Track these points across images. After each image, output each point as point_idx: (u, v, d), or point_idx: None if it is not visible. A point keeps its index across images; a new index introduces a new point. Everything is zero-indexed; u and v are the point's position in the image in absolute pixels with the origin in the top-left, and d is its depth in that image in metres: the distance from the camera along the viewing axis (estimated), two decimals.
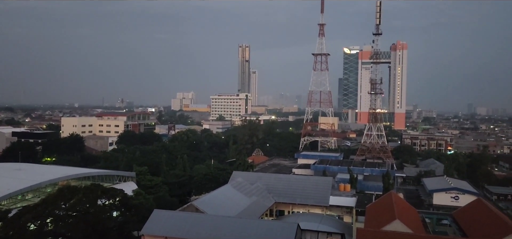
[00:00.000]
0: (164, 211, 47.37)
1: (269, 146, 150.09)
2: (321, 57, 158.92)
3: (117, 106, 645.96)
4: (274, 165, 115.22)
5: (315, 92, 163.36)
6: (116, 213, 51.77)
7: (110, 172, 77.88)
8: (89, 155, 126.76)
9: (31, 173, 70.83)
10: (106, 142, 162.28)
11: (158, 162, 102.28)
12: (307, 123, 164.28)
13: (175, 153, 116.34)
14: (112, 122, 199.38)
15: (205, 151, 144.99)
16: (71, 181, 65.97)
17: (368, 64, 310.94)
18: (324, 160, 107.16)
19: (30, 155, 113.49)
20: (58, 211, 45.56)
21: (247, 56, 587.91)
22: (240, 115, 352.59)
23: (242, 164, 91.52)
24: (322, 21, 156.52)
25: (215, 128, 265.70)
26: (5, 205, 56.19)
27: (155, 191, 72.31)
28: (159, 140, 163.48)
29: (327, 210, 60.98)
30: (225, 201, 54.44)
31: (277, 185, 65.96)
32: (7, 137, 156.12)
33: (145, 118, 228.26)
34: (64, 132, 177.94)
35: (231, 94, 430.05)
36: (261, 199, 60.45)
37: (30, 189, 62.32)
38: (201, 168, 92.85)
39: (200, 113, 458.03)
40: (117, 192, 51.35)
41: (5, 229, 43.23)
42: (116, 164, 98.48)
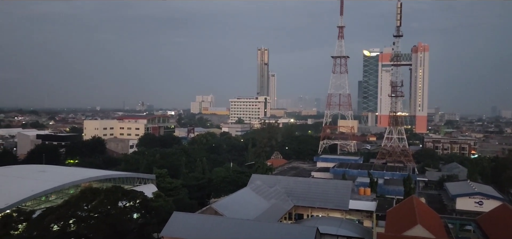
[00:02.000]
0: (184, 213, 47.69)
1: (288, 149, 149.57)
2: (340, 60, 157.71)
3: (137, 110, 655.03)
4: (293, 168, 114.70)
5: (334, 95, 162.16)
6: (137, 215, 52.40)
7: (130, 174, 78.96)
8: (110, 157, 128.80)
9: (55, 175, 72.40)
10: (127, 144, 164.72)
11: (178, 165, 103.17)
12: (326, 126, 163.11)
13: (194, 156, 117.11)
14: (132, 124, 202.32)
15: (224, 153, 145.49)
16: (93, 183, 67.14)
17: (388, 67, 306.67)
18: (343, 163, 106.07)
19: (54, 157, 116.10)
20: (81, 212, 46.43)
21: (266, 59, 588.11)
22: (259, 119, 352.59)
23: (261, 167, 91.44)
24: (342, 23, 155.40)
25: (234, 130, 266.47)
26: (29, 206, 57.62)
27: (175, 193, 72.94)
28: (179, 142, 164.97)
29: (346, 214, 60.32)
30: (244, 204, 54.45)
31: (296, 188, 65.61)
32: (31, 139, 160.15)
33: (165, 121, 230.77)
34: (86, 134, 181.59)
35: (250, 98, 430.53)
36: (280, 202, 60.23)
37: (54, 190, 63.69)
38: (220, 170, 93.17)
39: (219, 116, 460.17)
40: (138, 194, 52.00)
41: (29, 230, 44.28)
42: (137, 167, 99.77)
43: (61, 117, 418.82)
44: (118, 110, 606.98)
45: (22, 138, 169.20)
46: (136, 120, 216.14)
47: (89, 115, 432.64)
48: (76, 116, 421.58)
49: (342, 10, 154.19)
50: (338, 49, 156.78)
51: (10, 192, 60.08)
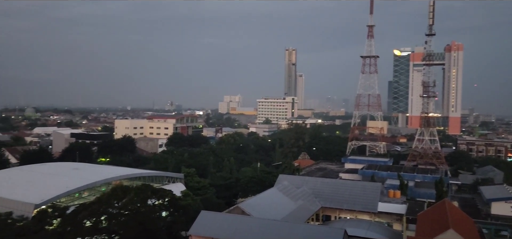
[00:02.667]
0: (211, 212, 48.10)
1: (316, 149, 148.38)
2: (369, 60, 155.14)
3: (166, 109, 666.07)
4: (321, 169, 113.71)
5: (363, 96, 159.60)
6: (165, 213, 53.20)
7: (159, 173, 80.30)
8: (140, 156, 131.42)
9: (87, 172, 74.51)
10: (156, 143, 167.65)
11: (206, 164, 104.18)
12: (355, 126, 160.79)
13: (222, 156, 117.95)
14: (162, 124, 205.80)
15: (252, 153, 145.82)
16: (123, 181, 68.64)
17: (420, 66, 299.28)
18: (372, 165, 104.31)
19: (87, 155, 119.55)
20: (112, 209, 47.56)
21: (294, 59, 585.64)
22: (286, 119, 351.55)
23: (288, 168, 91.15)
24: (371, 22, 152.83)
25: (262, 131, 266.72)
26: (63, 202, 59.51)
27: (203, 192, 73.67)
28: (207, 142, 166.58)
29: (375, 216, 59.25)
30: (271, 204, 54.38)
31: (324, 190, 65.00)
32: (66, 137, 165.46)
33: (193, 121, 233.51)
34: (117, 133, 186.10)
35: (277, 98, 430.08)
36: (307, 203, 59.82)
37: (86, 187, 65.55)
38: (248, 170, 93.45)
39: (246, 117, 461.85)
40: (166, 193, 52.80)
41: (64, 225, 45.74)
42: (165, 165, 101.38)
43: (93, 116, 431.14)
44: (147, 110, 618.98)
45: (57, 137, 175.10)
46: (165, 120, 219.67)
47: (120, 114, 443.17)
48: (107, 116, 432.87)
49: (372, 9, 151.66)
50: (368, 48, 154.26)
51: (45, 189, 62.32)
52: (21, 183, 68.00)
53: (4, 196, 60.45)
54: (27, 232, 44.52)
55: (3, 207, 54.66)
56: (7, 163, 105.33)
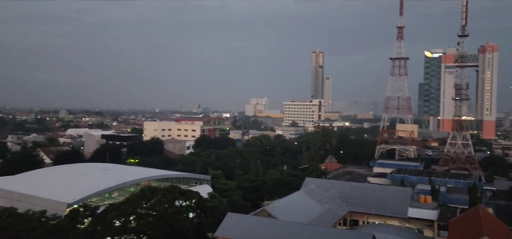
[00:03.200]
0: (238, 214, 48.12)
1: (343, 153, 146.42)
2: (399, 62, 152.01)
3: (194, 112, 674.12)
4: (348, 172, 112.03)
5: (392, 98, 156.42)
6: (192, 214, 53.64)
7: (187, 174, 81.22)
8: (168, 157, 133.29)
9: (117, 173, 76.16)
10: (184, 145, 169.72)
11: (232, 166, 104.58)
12: (384, 130, 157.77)
13: (248, 158, 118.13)
14: (189, 126, 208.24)
15: (278, 156, 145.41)
16: (152, 182, 69.78)
17: (452, 68, 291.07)
18: (402, 169, 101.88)
19: (116, 156, 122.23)
20: (140, 210, 48.34)
21: (321, 62, 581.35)
22: (313, 122, 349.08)
23: (315, 171, 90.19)
24: (401, 23, 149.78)
25: (288, 133, 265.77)
26: (94, 201, 61.03)
27: (229, 194, 73.94)
28: (233, 144, 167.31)
29: (405, 222, 57.78)
30: (297, 208, 53.93)
31: (351, 194, 63.94)
32: (97, 139, 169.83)
33: (220, 124, 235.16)
34: (146, 135, 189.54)
35: (304, 101, 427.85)
36: (334, 207, 58.99)
37: (116, 188, 67.02)
38: (274, 173, 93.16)
39: (273, 119, 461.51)
40: (193, 194, 53.24)
41: (94, 224, 46.83)
42: (193, 167, 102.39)
43: (123, 118, 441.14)
44: (175, 112, 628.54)
45: (88, 138, 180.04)
46: (192, 122, 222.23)
47: (149, 117, 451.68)
48: (137, 118, 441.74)
49: (401, 10, 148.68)
50: (397, 50, 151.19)
51: (77, 188, 64.13)
52: (55, 183, 70.26)
53: (39, 195, 62.62)
54: (60, 230, 45.80)
55: (38, 206, 56.57)
56: (42, 163, 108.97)
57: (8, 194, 66.11)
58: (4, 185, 71.00)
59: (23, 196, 63.48)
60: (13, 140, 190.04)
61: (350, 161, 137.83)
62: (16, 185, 69.69)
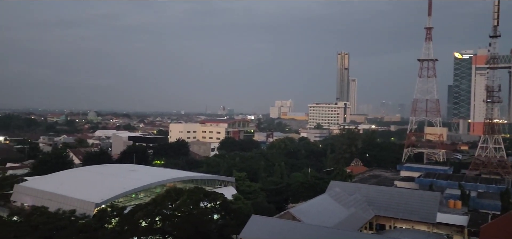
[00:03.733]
0: (262, 216, 48.05)
1: (369, 156, 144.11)
2: (427, 63, 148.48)
3: (218, 114, 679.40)
4: (374, 176, 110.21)
5: (420, 101, 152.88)
6: (217, 216, 53.92)
7: (211, 176, 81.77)
8: (193, 159, 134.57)
9: (143, 174, 77.42)
10: (208, 147, 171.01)
11: (256, 169, 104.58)
12: (411, 133, 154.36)
13: (272, 160, 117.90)
14: (214, 128, 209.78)
15: (302, 159, 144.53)
16: (177, 183, 70.58)
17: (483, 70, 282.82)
18: (430, 173, 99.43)
19: (143, 157, 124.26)
20: (166, 211, 48.95)
21: (346, 63, 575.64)
22: (338, 124, 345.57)
23: (340, 174, 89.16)
24: (429, 24, 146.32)
25: (313, 136, 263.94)
26: (121, 202, 62.21)
27: (253, 196, 73.91)
28: (258, 147, 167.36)
29: (434, 227, 56.29)
30: (322, 211, 53.40)
31: (378, 197, 62.81)
32: (124, 140, 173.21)
33: (244, 126, 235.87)
34: (171, 137, 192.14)
35: (329, 103, 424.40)
36: (360, 211, 58.10)
37: (142, 188, 68.14)
38: (298, 176, 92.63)
39: (297, 122, 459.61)
40: (218, 196, 53.52)
41: (121, 224, 47.71)
42: (217, 169, 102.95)
43: (149, 120, 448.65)
44: (200, 114, 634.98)
45: (116, 139, 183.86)
46: (217, 124, 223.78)
47: (175, 119, 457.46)
48: (163, 120, 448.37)
49: (430, 10, 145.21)
50: (426, 52, 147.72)
51: (105, 189, 65.53)
52: (84, 183, 72.04)
53: (69, 194, 64.34)
54: (88, 229, 46.90)
55: (67, 205, 58.11)
56: (72, 163, 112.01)
57: (40, 193, 68.23)
58: (36, 185, 73.36)
59: (54, 196, 65.37)
60: (44, 140, 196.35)
61: (376, 164, 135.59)
62: (47, 185, 71.87)
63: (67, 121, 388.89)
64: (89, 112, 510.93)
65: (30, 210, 53.40)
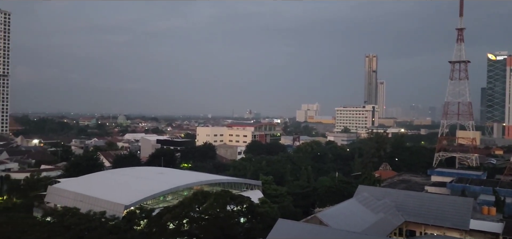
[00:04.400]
0: (288, 220, 47.70)
1: (398, 160, 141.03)
2: (459, 65, 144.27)
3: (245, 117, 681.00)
4: (404, 181, 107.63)
5: (452, 104, 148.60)
6: (243, 219, 53.96)
7: (238, 179, 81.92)
8: (219, 162, 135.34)
9: (171, 177, 78.45)
10: (235, 150, 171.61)
11: (283, 172, 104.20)
12: (443, 137, 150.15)
13: (299, 164, 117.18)
14: (240, 132, 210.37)
15: (329, 163, 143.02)
16: (204, 186, 71.12)
17: None
18: (463, 178, 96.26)
19: (171, 160, 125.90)
20: (193, 213, 49.40)
21: (374, 66, 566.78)
22: (366, 128, 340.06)
23: (368, 178, 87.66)
24: (461, 25, 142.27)
25: (340, 140, 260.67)
26: (149, 204, 63.16)
27: (280, 200, 73.61)
28: (284, 150, 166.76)
29: (466, 234, 54.40)
30: (350, 216, 52.55)
31: (408, 203, 61.29)
32: (152, 143, 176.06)
33: (271, 129, 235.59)
34: (199, 140, 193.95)
35: (356, 106, 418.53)
36: (389, 216, 56.84)
37: (170, 191, 68.97)
38: (325, 180, 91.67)
39: (324, 125, 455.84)
40: (245, 199, 53.57)
41: (149, 226, 48.49)
42: (244, 172, 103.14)
43: (177, 124, 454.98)
44: (227, 117, 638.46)
45: (144, 142, 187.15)
46: (244, 127, 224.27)
47: (202, 122, 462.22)
48: (190, 123, 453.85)
49: (461, 11, 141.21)
50: (457, 53, 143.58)
51: (134, 191, 66.74)
52: (113, 185, 73.63)
53: (99, 196, 65.88)
54: (118, 231, 47.88)
55: (98, 206, 59.52)
56: (102, 166, 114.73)
57: (72, 195, 70.20)
58: (68, 186, 75.55)
59: (85, 197, 67.11)
60: (76, 143, 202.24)
61: (405, 169, 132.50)
62: (79, 187, 73.86)
63: (98, 124, 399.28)
64: (119, 116, 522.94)
65: (63, 211, 54.98)
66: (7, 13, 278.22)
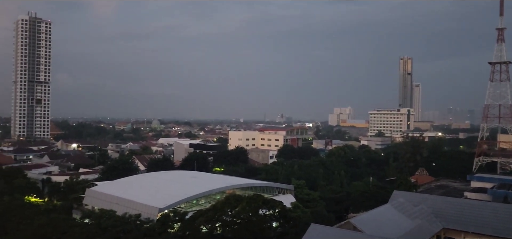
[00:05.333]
0: (321, 226, 47.03)
1: (435, 165, 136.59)
2: (500, 66, 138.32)
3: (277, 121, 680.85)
4: (441, 186, 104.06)
5: (492, 106, 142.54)
6: (275, 224, 53.70)
7: (270, 184, 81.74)
8: (251, 166, 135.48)
9: (204, 181, 79.24)
10: (267, 155, 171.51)
11: (315, 177, 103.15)
12: (483, 141, 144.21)
13: (332, 168, 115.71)
14: (272, 136, 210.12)
15: (363, 167, 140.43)
16: (236, 190, 71.40)
17: None
18: (505, 184, 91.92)
19: (203, 164, 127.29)
20: (226, 217, 49.61)
21: (409, 68, 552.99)
22: (401, 132, 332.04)
23: (404, 183, 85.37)
24: (502, 25, 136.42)
25: (374, 144, 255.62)
26: (183, 207, 64.02)
27: (312, 205, 72.89)
28: (316, 154, 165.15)
29: None
30: (385, 222, 51.23)
31: (446, 209, 59.10)
32: (185, 147, 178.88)
33: (303, 133, 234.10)
34: (231, 144, 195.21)
35: (391, 110, 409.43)
36: (426, 222, 54.99)
37: (203, 195, 69.65)
38: (359, 185, 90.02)
39: (357, 129, 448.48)
40: (277, 204, 53.32)
41: (183, 229, 49.09)
42: (276, 176, 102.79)
43: (209, 128, 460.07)
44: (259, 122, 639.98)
45: (178, 146, 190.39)
46: (275, 131, 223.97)
47: (234, 126, 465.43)
48: (222, 127, 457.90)
49: (502, 9, 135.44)
50: (497, 54, 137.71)
51: (168, 194, 67.86)
52: (148, 188, 75.16)
53: (134, 199, 67.39)
54: (152, 233, 48.79)
55: (133, 209, 60.87)
56: (137, 169, 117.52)
57: (108, 198, 72.17)
58: (105, 189, 77.77)
59: (121, 200, 68.83)
60: (112, 148, 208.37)
61: (443, 174, 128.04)
62: (115, 189, 75.87)
63: (133, 129, 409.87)
64: (153, 120, 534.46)
65: (100, 213, 56.63)
66: (48, 22, 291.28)
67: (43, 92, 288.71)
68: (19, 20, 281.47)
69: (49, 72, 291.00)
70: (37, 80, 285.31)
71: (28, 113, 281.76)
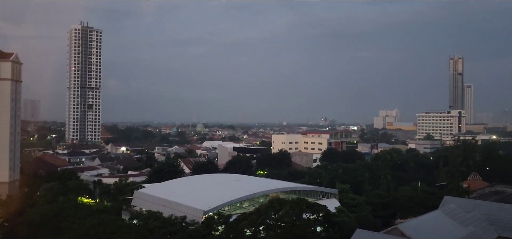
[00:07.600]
0: (367, 231, 45.90)
1: (489, 170, 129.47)
2: None
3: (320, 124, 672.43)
4: (497, 192, 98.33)
5: None
6: (320, 228, 52.97)
7: (314, 187, 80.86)
8: (295, 170, 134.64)
9: (247, 184, 79.68)
10: (311, 158, 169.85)
11: (361, 181, 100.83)
12: None
13: (378, 172, 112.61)
14: (316, 139, 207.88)
15: (411, 172, 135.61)
16: (280, 193, 71.17)
17: None
18: None
19: (247, 168, 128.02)
20: (269, 221, 49.57)
21: (460, 68, 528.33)
22: (452, 135, 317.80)
23: (455, 189, 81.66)
24: None
25: (422, 147, 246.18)
26: (227, 210, 64.67)
27: (358, 210, 71.27)
28: (362, 158, 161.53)
29: None
30: (435, 229, 49.13)
31: (502, 216, 55.80)
32: (229, 151, 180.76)
33: (347, 136, 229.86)
34: (274, 147, 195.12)
35: (441, 112, 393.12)
36: (480, 230, 52.15)
37: (246, 198, 70.00)
38: (407, 190, 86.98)
39: (404, 132, 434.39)
40: (321, 208, 52.62)
41: (227, 232, 49.55)
42: (320, 180, 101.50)
43: (253, 131, 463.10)
44: (302, 125, 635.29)
45: (222, 150, 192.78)
46: (319, 135, 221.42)
47: (277, 129, 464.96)
48: (265, 131, 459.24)
49: None
50: None
51: (212, 197, 68.82)
52: (193, 191, 76.64)
53: (180, 201, 68.92)
54: (197, 235, 49.64)
55: (178, 211, 62.25)
56: (182, 172, 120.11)
57: (155, 200, 74.28)
58: (152, 191, 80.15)
59: (167, 202, 70.60)
60: (159, 151, 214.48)
61: (498, 179, 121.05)
62: (161, 192, 77.98)
63: (178, 132, 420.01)
64: (198, 124, 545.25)
65: (147, 215, 58.37)
66: (99, 31, 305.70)
67: (94, 97, 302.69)
68: (72, 30, 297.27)
69: (99, 78, 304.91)
70: (89, 86, 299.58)
71: (81, 118, 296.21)
